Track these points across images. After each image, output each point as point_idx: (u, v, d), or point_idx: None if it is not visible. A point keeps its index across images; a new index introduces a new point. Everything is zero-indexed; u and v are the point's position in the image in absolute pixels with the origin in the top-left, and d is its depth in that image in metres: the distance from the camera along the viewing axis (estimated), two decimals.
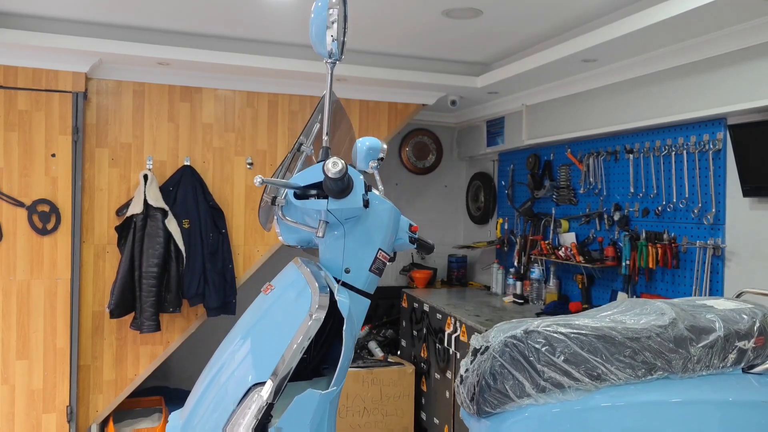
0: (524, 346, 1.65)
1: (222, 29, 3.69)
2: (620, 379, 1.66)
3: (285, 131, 4.24)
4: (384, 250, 1.85)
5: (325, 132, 1.80)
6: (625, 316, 1.79)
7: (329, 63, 1.81)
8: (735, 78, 2.82)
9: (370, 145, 2.04)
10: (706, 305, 1.87)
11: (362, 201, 1.73)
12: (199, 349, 4.83)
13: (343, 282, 1.79)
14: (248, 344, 1.71)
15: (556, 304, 4.03)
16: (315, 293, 1.67)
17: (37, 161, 3.64)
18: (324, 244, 1.82)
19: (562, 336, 1.65)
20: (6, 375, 3.61)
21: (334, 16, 1.74)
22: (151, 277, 3.66)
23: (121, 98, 3.89)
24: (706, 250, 3.10)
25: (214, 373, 1.70)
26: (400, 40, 3.80)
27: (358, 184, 1.73)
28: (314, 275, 1.73)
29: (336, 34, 1.74)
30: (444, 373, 4.05)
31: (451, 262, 5.36)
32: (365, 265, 1.81)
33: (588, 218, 3.95)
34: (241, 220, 4.13)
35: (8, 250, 3.60)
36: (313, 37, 1.78)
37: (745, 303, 1.90)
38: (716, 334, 1.72)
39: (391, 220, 1.89)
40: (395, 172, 5.45)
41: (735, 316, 1.79)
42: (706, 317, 1.77)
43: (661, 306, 1.81)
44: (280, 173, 1.90)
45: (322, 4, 1.77)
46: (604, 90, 3.63)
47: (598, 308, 1.95)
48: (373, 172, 2.04)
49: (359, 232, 1.80)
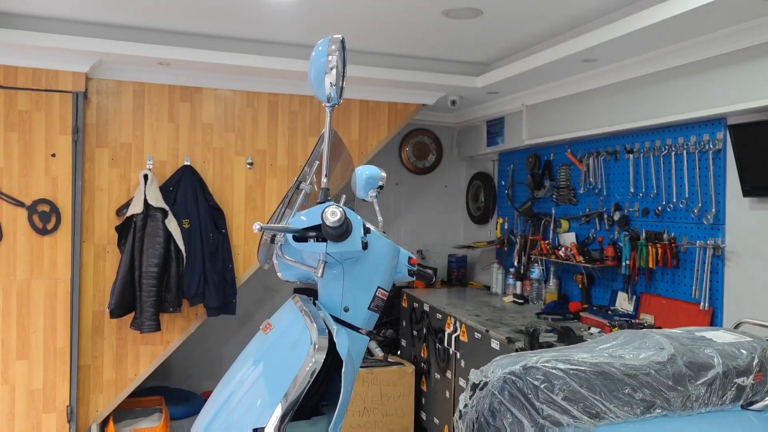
0: (523, 383, 1.64)
1: (222, 29, 3.69)
2: (619, 417, 1.64)
3: (285, 131, 4.24)
4: (383, 287, 1.86)
5: (324, 173, 1.82)
6: (624, 350, 1.77)
7: (328, 107, 1.81)
8: (735, 78, 2.82)
9: (369, 174, 2.05)
10: (704, 338, 1.85)
11: (361, 244, 1.74)
12: (199, 349, 4.84)
13: (341, 320, 1.80)
14: (248, 388, 1.72)
15: (556, 304, 4.03)
16: (314, 336, 1.68)
17: (37, 161, 3.64)
18: (323, 283, 1.83)
19: (561, 372, 1.64)
20: (6, 375, 3.61)
21: (333, 63, 1.76)
22: (151, 277, 3.66)
23: (121, 98, 3.89)
24: (706, 250, 3.10)
25: (209, 419, 1.71)
26: (400, 40, 3.80)
27: (357, 228, 1.74)
28: (313, 316, 1.74)
29: (334, 80, 1.76)
30: (444, 373, 4.06)
31: (451, 262, 5.36)
32: (364, 303, 1.83)
33: (588, 218, 3.95)
34: (241, 220, 4.13)
35: (8, 250, 3.60)
36: (312, 81, 1.81)
37: (743, 336, 1.88)
38: (715, 371, 1.70)
39: (390, 258, 1.90)
40: (395, 172, 5.45)
41: (734, 350, 1.77)
42: (704, 352, 1.75)
43: (659, 340, 1.79)
44: (281, 210, 1.93)
45: (321, 48, 1.79)
46: (604, 90, 3.63)
47: (597, 339, 1.93)
48: (372, 201, 2.06)
49: (358, 272, 1.81)
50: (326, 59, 1.76)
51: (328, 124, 1.84)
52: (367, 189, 2.03)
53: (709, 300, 3.08)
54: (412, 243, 5.48)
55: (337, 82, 1.77)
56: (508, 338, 3.20)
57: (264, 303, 5.00)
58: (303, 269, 1.81)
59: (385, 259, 1.86)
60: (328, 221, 1.64)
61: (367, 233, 1.76)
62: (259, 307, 4.98)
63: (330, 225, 1.65)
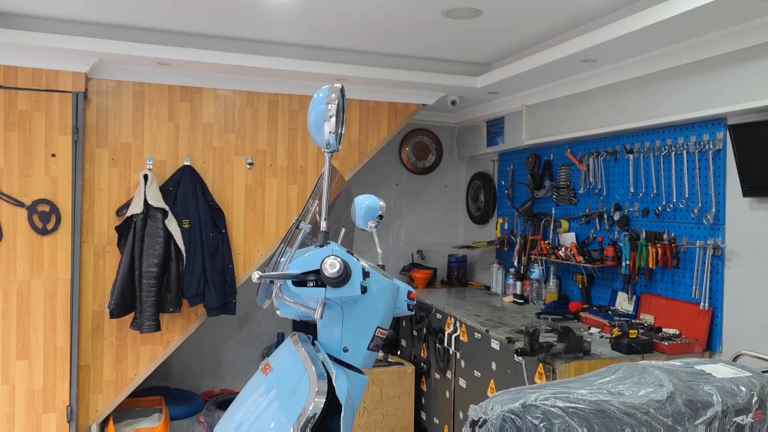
0: (522, 421, 1.64)
1: (222, 29, 3.69)
2: None
3: (285, 131, 4.24)
4: (382, 327, 1.88)
5: (324, 217, 1.84)
6: (623, 385, 1.76)
7: (327, 152, 1.83)
8: (735, 78, 2.82)
9: (369, 204, 2.10)
10: (703, 372, 1.85)
11: (360, 288, 1.76)
12: (199, 349, 4.84)
13: (341, 361, 1.82)
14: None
15: (555, 304, 4.03)
16: (313, 382, 1.70)
17: (37, 161, 3.64)
18: (322, 324, 1.85)
19: (560, 411, 1.64)
20: (6, 375, 3.61)
21: (332, 111, 1.76)
22: (151, 277, 3.66)
23: (121, 98, 3.89)
24: (706, 250, 3.10)
25: None
26: (400, 40, 3.80)
27: (356, 272, 1.76)
28: (312, 360, 1.76)
29: (333, 128, 1.77)
30: (444, 373, 4.06)
31: (451, 262, 5.36)
32: (364, 343, 1.85)
33: (588, 218, 3.95)
34: (241, 220, 4.13)
35: (8, 250, 3.60)
36: (312, 126, 1.82)
37: (742, 370, 1.87)
38: (714, 410, 1.70)
39: (389, 298, 1.91)
40: (395, 172, 5.45)
41: (732, 387, 1.76)
42: (703, 389, 1.74)
43: (659, 376, 1.78)
44: (282, 248, 1.95)
45: (321, 96, 1.79)
46: (604, 90, 3.63)
47: (596, 372, 1.92)
48: (372, 231, 2.08)
49: (357, 313, 1.83)
50: (326, 107, 1.76)
51: (328, 170, 1.85)
52: (366, 219, 2.09)
53: (709, 300, 3.08)
54: (412, 243, 5.48)
55: (336, 130, 1.78)
56: (508, 338, 3.20)
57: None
58: (302, 310, 1.83)
59: (384, 300, 1.88)
60: (327, 273, 1.69)
61: (366, 277, 1.78)
62: (259, 308, 4.97)
63: (329, 276, 1.69)
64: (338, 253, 1.75)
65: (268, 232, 4.19)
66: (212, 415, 4.05)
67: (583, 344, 2.90)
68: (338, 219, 2.17)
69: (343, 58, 3.98)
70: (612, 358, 2.91)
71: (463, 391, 3.80)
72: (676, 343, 3.03)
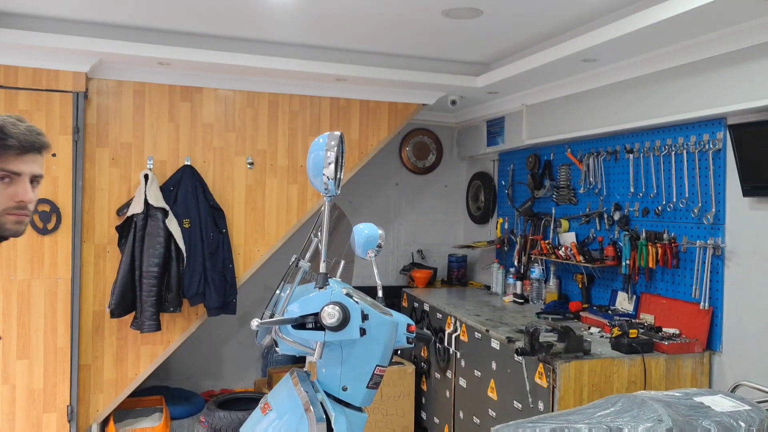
0: None
1: (222, 29, 3.69)
2: None
3: (285, 131, 4.24)
4: (381, 365, 1.90)
5: (323, 259, 1.84)
6: (622, 419, 1.74)
7: (326, 197, 1.84)
8: (735, 78, 2.83)
9: (369, 234, 2.11)
10: (703, 405, 1.82)
11: (359, 332, 1.77)
12: (199, 349, 4.84)
13: (340, 399, 1.84)
14: None
15: (556, 304, 4.03)
16: (312, 425, 1.73)
17: None
18: (321, 363, 1.86)
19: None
20: (6, 375, 3.61)
21: (331, 158, 1.77)
22: (151, 276, 3.66)
23: (121, 98, 3.89)
24: (706, 250, 3.10)
25: None
26: (400, 39, 3.80)
27: (355, 316, 1.77)
28: (311, 401, 1.78)
29: (332, 174, 1.77)
30: (444, 373, 4.06)
31: (451, 261, 5.36)
32: (363, 382, 1.87)
33: (588, 218, 3.95)
34: (242, 220, 4.13)
35: (8, 249, 3.60)
36: (311, 170, 1.82)
37: (742, 404, 1.85)
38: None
39: (388, 337, 1.93)
40: (395, 172, 5.46)
41: (732, 422, 1.73)
42: (702, 425, 1.72)
43: (657, 410, 1.75)
44: (281, 285, 1.98)
45: (321, 142, 1.80)
46: (604, 90, 3.63)
47: (595, 404, 1.89)
48: (371, 260, 2.08)
49: (356, 353, 1.85)
50: (324, 153, 1.77)
51: (327, 214, 1.86)
52: (366, 248, 2.11)
53: (709, 300, 3.09)
54: (412, 243, 5.48)
55: (335, 176, 1.78)
56: (508, 338, 3.20)
57: (264, 302, 4.99)
58: (301, 349, 1.85)
59: (383, 339, 1.89)
60: (326, 322, 1.71)
61: (365, 319, 1.79)
62: (260, 307, 4.96)
63: (327, 324, 1.71)
64: (337, 298, 1.76)
65: (269, 231, 4.19)
66: (212, 415, 4.06)
67: (583, 344, 2.90)
68: (339, 250, 2.17)
69: (344, 58, 3.98)
70: (612, 358, 2.91)
71: (463, 391, 3.80)
72: (676, 342, 3.03)
